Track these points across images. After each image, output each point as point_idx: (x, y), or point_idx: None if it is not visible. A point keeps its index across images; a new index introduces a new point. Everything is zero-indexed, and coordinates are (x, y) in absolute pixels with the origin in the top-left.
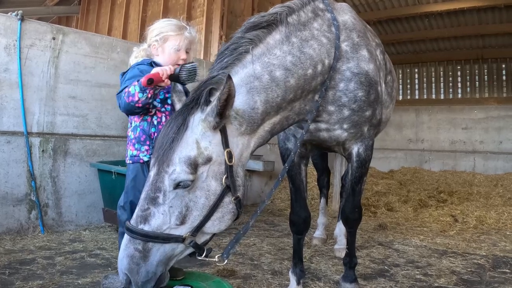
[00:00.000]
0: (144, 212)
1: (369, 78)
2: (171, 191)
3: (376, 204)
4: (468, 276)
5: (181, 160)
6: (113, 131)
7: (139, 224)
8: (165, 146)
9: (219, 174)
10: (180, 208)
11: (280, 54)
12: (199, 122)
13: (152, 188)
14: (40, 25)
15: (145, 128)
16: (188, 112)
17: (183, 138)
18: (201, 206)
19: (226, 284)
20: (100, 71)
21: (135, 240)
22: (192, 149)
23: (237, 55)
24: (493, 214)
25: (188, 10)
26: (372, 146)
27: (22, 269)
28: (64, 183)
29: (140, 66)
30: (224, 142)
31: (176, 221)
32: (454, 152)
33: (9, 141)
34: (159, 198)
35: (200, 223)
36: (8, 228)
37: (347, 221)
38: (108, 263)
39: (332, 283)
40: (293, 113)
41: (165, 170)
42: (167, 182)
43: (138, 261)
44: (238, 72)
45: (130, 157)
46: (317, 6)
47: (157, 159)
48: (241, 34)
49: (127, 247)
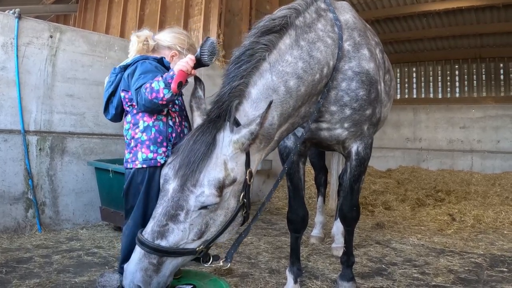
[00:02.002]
0: (162, 228)
1: (370, 77)
2: (195, 211)
3: (373, 203)
4: (465, 274)
5: (211, 183)
6: (110, 129)
7: (155, 239)
8: (192, 164)
9: (238, 192)
10: (200, 225)
11: (291, 60)
12: (230, 143)
13: (173, 205)
14: (38, 23)
15: (161, 128)
16: (217, 130)
17: (212, 158)
18: (219, 223)
19: (223, 283)
20: (97, 69)
21: (151, 255)
22: (220, 171)
23: (254, 62)
24: (490, 213)
25: (186, 8)
26: (371, 145)
27: (19, 268)
28: (61, 182)
29: (151, 62)
30: (247, 162)
31: (194, 237)
32: (451, 151)
33: (6, 140)
34: (180, 216)
35: (214, 237)
36: (5, 226)
37: (345, 220)
38: (105, 261)
39: (329, 282)
40: (299, 118)
41: (191, 190)
42: (192, 202)
43: (151, 274)
44: (257, 83)
45: (144, 160)
46: (319, 6)
47: (179, 173)
48: (255, 39)
49: (141, 261)
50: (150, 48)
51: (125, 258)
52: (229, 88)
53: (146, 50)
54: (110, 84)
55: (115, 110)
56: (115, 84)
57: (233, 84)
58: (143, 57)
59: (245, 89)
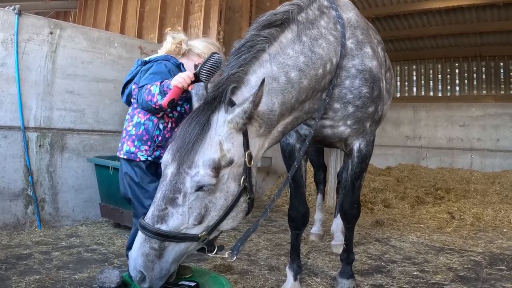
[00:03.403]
0: (161, 212)
1: (373, 74)
2: (192, 193)
3: (373, 201)
4: (464, 272)
5: (205, 163)
6: (110, 126)
7: (155, 223)
8: (186, 146)
9: (237, 175)
10: (199, 209)
11: (293, 54)
12: (224, 123)
13: (171, 188)
14: (38, 19)
15: (149, 128)
16: (211, 111)
17: (206, 139)
18: (219, 207)
19: (222, 280)
20: (97, 66)
21: (151, 239)
22: (215, 151)
23: (254, 52)
24: (490, 212)
25: (186, 5)
26: (373, 142)
27: (18, 264)
28: (61, 178)
29: (168, 64)
30: (245, 144)
31: (194, 222)
32: (451, 149)
33: (6, 136)
34: (179, 199)
35: (216, 222)
36: (4, 223)
37: (345, 217)
38: (105, 258)
39: (329, 279)
40: (303, 112)
41: (186, 172)
42: (188, 184)
43: (153, 259)
44: (256, 71)
45: (126, 152)
46: (322, 4)
47: (176, 157)
48: (256, 32)
49: (142, 246)
50: (181, 51)
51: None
52: (227, 75)
53: (177, 52)
54: (130, 72)
55: (125, 98)
56: (133, 75)
57: (232, 71)
58: (165, 57)
59: (244, 76)
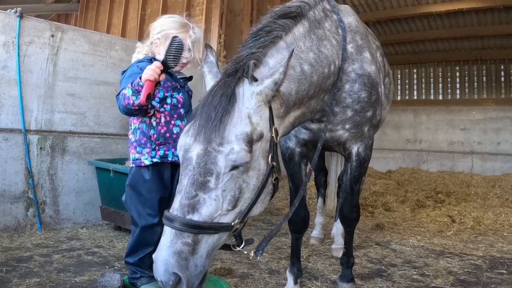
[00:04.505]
0: (191, 200)
1: (371, 79)
2: (227, 173)
3: (373, 204)
4: (465, 276)
5: (239, 138)
6: (111, 129)
7: (186, 214)
8: (213, 121)
9: (266, 152)
10: (234, 191)
11: (304, 48)
12: (252, 94)
13: (201, 171)
14: (39, 22)
15: (144, 130)
16: (235, 84)
17: (235, 112)
18: (252, 187)
19: (223, 283)
20: (98, 68)
21: (184, 233)
22: (246, 125)
23: (272, 38)
24: (490, 215)
25: (188, 8)
26: (372, 146)
27: (19, 267)
28: (61, 181)
29: (140, 64)
30: (271, 118)
31: (228, 206)
32: (452, 153)
33: (7, 139)
34: (210, 182)
35: (249, 206)
36: (5, 225)
37: (345, 221)
38: (105, 261)
39: (329, 283)
40: (309, 110)
41: (218, 150)
42: (222, 163)
43: (187, 256)
44: (274, 55)
45: (133, 160)
46: (325, 7)
47: (201, 136)
48: (272, 20)
49: (173, 243)
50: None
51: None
52: (247, 52)
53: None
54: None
55: None
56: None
57: (252, 50)
58: (139, 59)
59: (262, 57)
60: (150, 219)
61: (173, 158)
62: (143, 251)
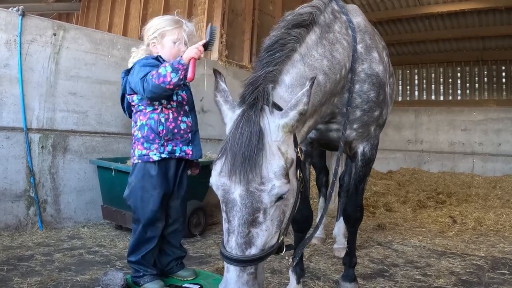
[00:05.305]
0: (246, 238)
1: (379, 79)
2: (272, 206)
3: (375, 204)
4: (467, 277)
5: (277, 174)
6: (113, 128)
7: (245, 250)
8: (248, 161)
9: (295, 170)
10: (279, 216)
11: (318, 56)
12: (278, 128)
13: (248, 211)
14: (41, 20)
15: (152, 126)
16: (259, 116)
17: (266, 148)
18: (291, 206)
19: None
20: (100, 67)
21: (247, 267)
22: (279, 158)
23: (287, 52)
24: (491, 216)
25: (189, 8)
26: (377, 146)
27: (20, 266)
28: (63, 180)
29: (149, 58)
30: (295, 140)
31: (276, 229)
32: (453, 153)
33: (8, 137)
34: (259, 217)
35: (289, 221)
36: (6, 224)
37: (348, 220)
38: (107, 260)
39: (331, 282)
40: (320, 116)
41: (260, 189)
42: (267, 200)
43: (253, 282)
44: (290, 71)
45: (139, 156)
46: (334, 8)
47: (235, 175)
48: (286, 30)
49: (239, 277)
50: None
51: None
52: (264, 72)
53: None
54: (121, 86)
55: (127, 110)
56: (122, 88)
57: (268, 69)
58: (140, 59)
59: (278, 75)
60: (153, 214)
61: (180, 153)
62: (145, 248)
